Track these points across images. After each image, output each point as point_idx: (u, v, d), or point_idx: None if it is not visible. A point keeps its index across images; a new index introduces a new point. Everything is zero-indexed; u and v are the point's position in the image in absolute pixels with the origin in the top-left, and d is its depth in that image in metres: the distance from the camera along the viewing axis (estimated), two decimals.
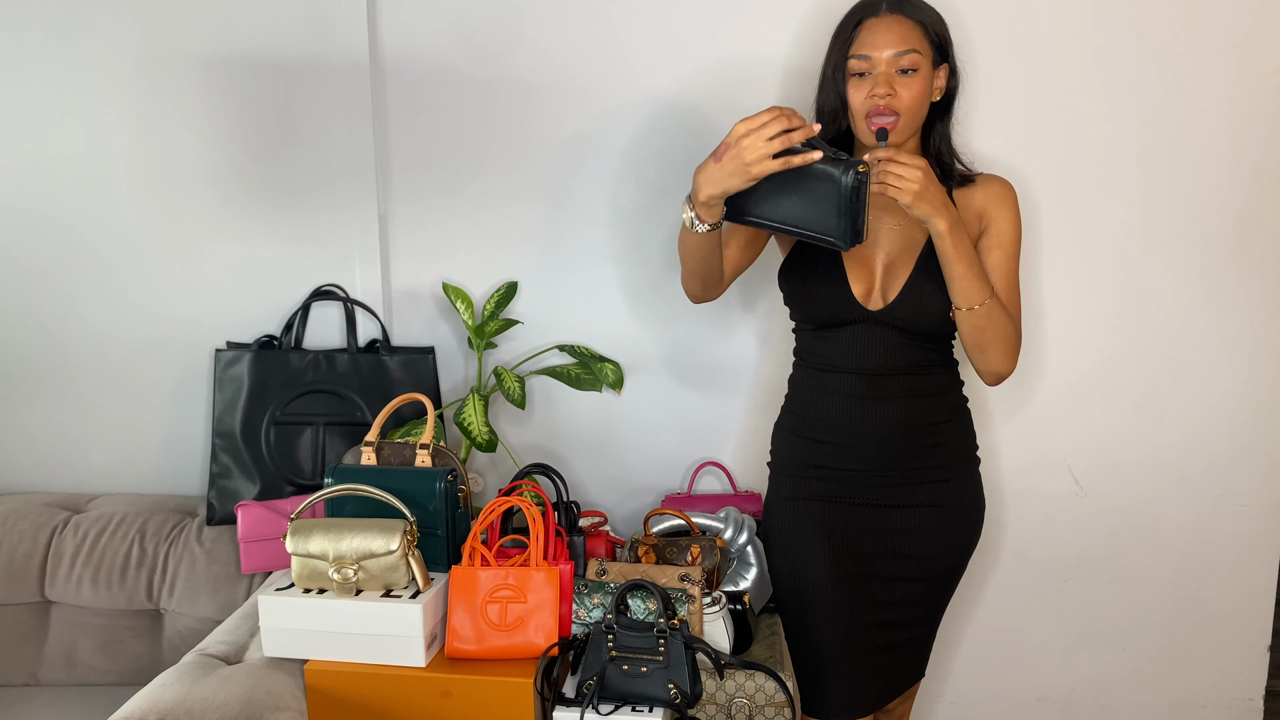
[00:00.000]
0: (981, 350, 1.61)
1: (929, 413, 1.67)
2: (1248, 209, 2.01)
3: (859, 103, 1.57)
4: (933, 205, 1.50)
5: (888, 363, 1.64)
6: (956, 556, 1.74)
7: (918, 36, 1.56)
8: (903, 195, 1.48)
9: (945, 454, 1.70)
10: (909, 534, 1.69)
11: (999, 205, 1.65)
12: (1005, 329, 1.59)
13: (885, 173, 1.48)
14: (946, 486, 1.70)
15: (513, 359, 2.14)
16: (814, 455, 1.71)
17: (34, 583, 1.97)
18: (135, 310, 2.15)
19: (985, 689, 2.26)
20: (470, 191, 2.10)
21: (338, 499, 1.67)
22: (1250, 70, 1.95)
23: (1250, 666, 2.21)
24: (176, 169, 2.09)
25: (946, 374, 1.72)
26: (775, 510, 1.77)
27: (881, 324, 1.63)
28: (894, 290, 1.63)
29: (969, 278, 1.55)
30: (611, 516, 2.16)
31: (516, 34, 2.02)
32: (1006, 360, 1.62)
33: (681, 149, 2.04)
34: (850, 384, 1.66)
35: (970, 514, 1.74)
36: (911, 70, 1.55)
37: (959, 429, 1.73)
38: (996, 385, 1.68)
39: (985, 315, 1.57)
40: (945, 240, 1.52)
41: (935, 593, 1.75)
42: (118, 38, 2.04)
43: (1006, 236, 1.65)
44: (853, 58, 1.57)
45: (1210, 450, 2.12)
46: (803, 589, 1.69)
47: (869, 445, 1.67)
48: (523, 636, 1.59)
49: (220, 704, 1.44)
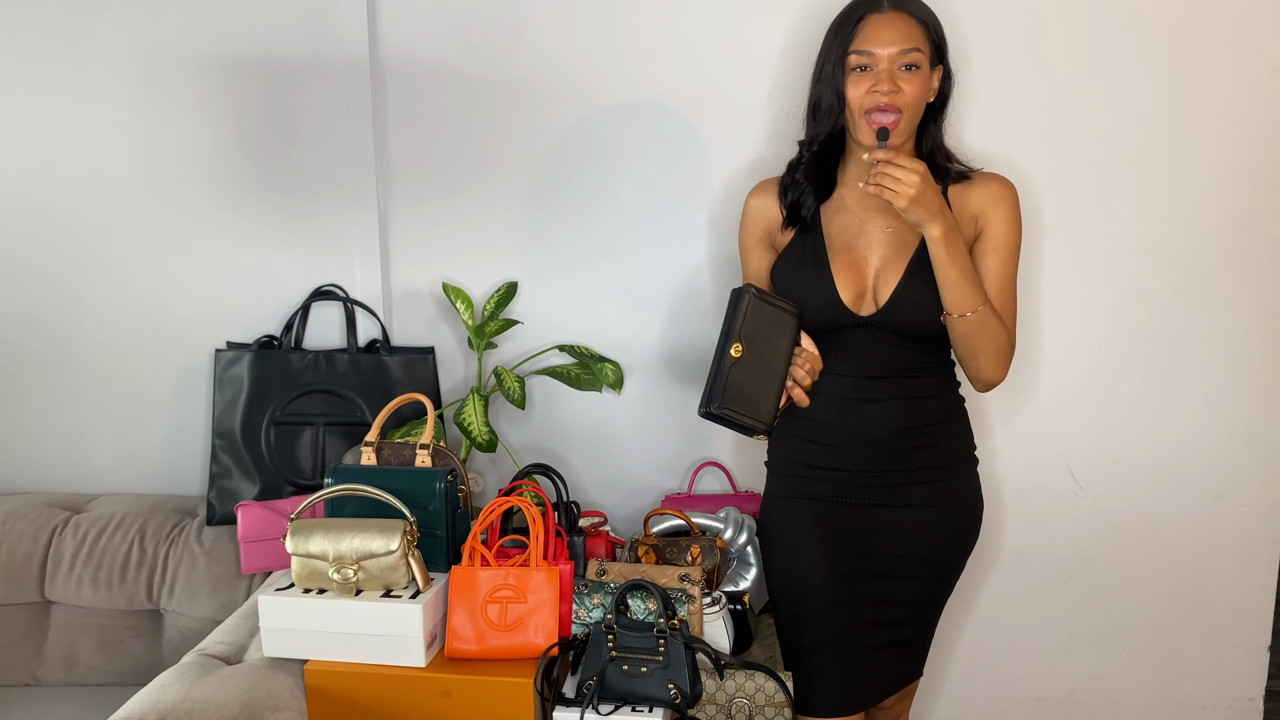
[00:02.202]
0: (972, 357, 1.60)
1: (923, 414, 1.66)
2: (1247, 209, 2.01)
3: (859, 98, 1.56)
4: (928, 210, 1.49)
5: (881, 366, 1.63)
6: (953, 557, 1.73)
7: (920, 34, 1.56)
8: (898, 199, 1.47)
9: (940, 454, 1.69)
10: (903, 534, 1.68)
11: (996, 207, 1.63)
12: (997, 337, 1.58)
13: (882, 175, 1.47)
14: (942, 487, 1.69)
15: (513, 359, 2.14)
16: (808, 455, 1.71)
17: (34, 583, 1.98)
18: (135, 310, 2.15)
19: (985, 689, 2.26)
20: (470, 191, 2.10)
21: (338, 499, 1.67)
22: (1250, 70, 1.95)
23: (1250, 666, 2.21)
24: (177, 169, 2.09)
25: (940, 375, 1.70)
26: (770, 509, 1.77)
27: (874, 328, 1.62)
28: (885, 294, 1.61)
29: (962, 284, 1.53)
30: (611, 516, 2.16)
31: (516, 34, 2.02)
32: (997, 368, 1.61)
33: (681, 149, 2.04)
34: (843, 386, 1.65)
35: (967, 514, 1.73)
36: (914, 67, 1.55)
37: (954, 430, 1.72)
38: (986, 392, 1.67)
39: (977, 323, 1.55)
40: (939, 245, 1.51)
41: (931, 592, 1.75)
42: (118, 38, 2.04)
43: (1003, 240, 1.62)
44: (854, 53, 1.56)
45: (1210, 450, 2.11)
46: (795, 587, 1.69)
47: (862, 446, 1.66)
48: (523, 636, 1.59)
49: (220, 704, 1.44)
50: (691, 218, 2.07)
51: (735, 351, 1.53)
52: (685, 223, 2.07)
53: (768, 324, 1.55)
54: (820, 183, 1.68)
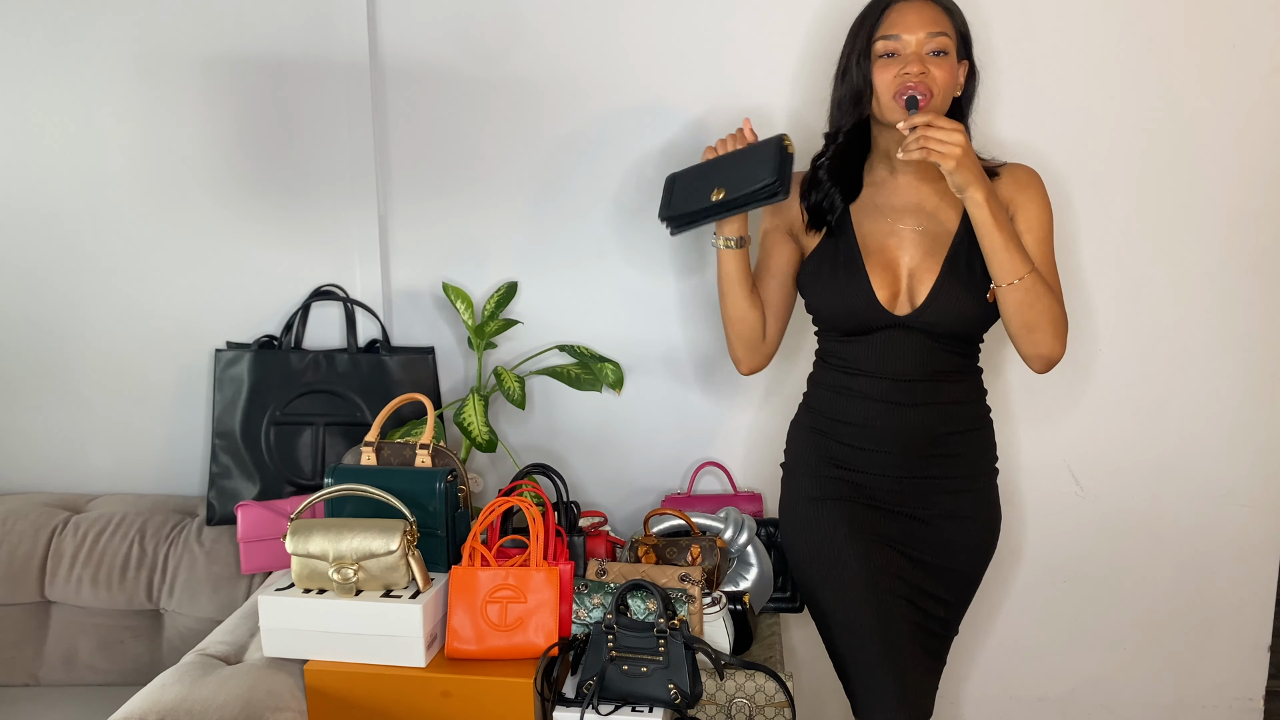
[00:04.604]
0: (1029, 330, 1.54)
1: (953, 420, 1.64)
2: (1248, 209, 2.01)
3: (887, 83, 1.54)
4: (973, 172, 1.47)
5: (915, 368, 1.60)
6: (973, 565, 1.71)
7: (946, 21, 1.55)
8: (946, 160, 1.44)
9: (966, 464, 1.67)
10: (926, 543, 1.65)
11: (1025, 191, 1.61)
12: (1051, 307, 1.53)
13: (926, 137, 1.44)
14: (965, 497, 1.67)
15: (513, 359, 2.14)
16: (839, 456, 1.68)
17: (34, 583, 1.98)
18: (135, 310, 2.15)
19: (985, 689, 2.26)
20: (470, 191, 2.09)
21: (338, 499, 1.67)
22: (1250, 70, 1.95)
23: (1250, 666, 2.21)
24: (176, 169, 2.09)
25: (972, 382, 1.68)
26: (799, 511, 1.71)
27: (909, 329, 1.59)
28: (921, 294, 1.59)
29: (1009, 249, 1.49)
30: (611, 516, 2.15)
31: (516, 34, 2.02)
32: (1056, 341, 1.56)
33: (681, 149, 2.04)
34: (877, 388, 1.62)
35: (988, 524, 1.71)
36: (943, 53, 1.54)
37: (981, 439, 1.70)
38: (1047, 372, 1.60)
39: (1030, 289, 1.51)
40: (984, 209, 1.47)
41: (955, 601, 1.71)
42: (118, 38, 2.04)
43: (1036, 220, 1.60)
44: (881, 39, 1.54)
45: (1210, 450, 2.11)
46: (844, 597, 1.63)
47: (893, 450, 1.63)
48: (523, 636, 1.59)
49: (220, 704, 1.44)
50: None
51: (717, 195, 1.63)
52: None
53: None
54: (846, 183, 1.66)
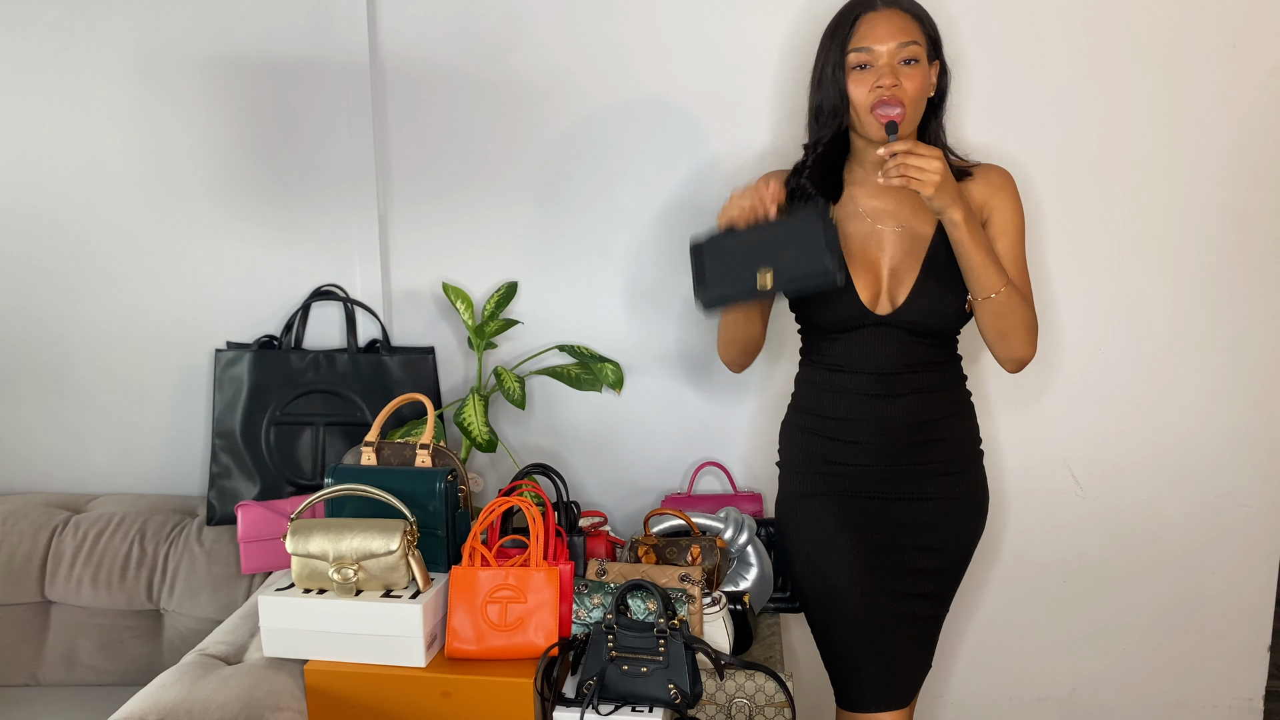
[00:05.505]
0: (1003, 338, 1.62)
1: (935, 407, 1.68)
2: (1247, 209, 2.01)
3: (863, 96, 1.58)
4: (950, 196, 1.51)
5: (896, 362, 1.65)
6: (965, 546, 1.75)
7: (916, 29, 1.58)
8: (924, 187, 1.48)
9: (951, 447, 1.71)
10: (921, 526, 1.70)
11: (999, 194, 1.67)
12: (1024, 314, 1.61)
13: (905, 165, 1.48)
14: (955, 479, 1.71)
15: (513, 359, 2.13)
16: (827, 451, 1.72)
17: (34, 583, 1.98)
18: (135, 310, 2.15)
19: (985, 689, 2.26)
20: (470, 191, 2.09)
21: (338, 499, 1.67)
22: (1250, 70, 1.95)
23: (1250, 666, 2.21)
24: (176, 169, 2.09)
25: (951, 369, 1.73)
26: (792, 507, 1.77)
27: (890, 326, 1.64)
28: (902, 294, 1.63)
29: (986, 265, 1.55)
30: (611, 516, 2.16)
31: (516, 34, 2.02)
32: (1028, 345, 1.64)
33: (681, 149, 2.04)
34: (859, 383, 1.67)
35: (977, 504, 1.76)
36: (913, 61, 1.57)
37: (964, 422, 1.75)
38: (1019, 371, 1.69)
39: (1005, 302, 1.58)
40: (962, 230, 1.53)
41: (946, 584, 1.76)
42: (118, 38, 2.04)
43: (1010, 224, 1.66)
44: (853, 51, 1.57)
45: (1210, 450, 2.11)
46: (831, 583, 1.69)
47: (879, 441, 1.67)
48: (523, 636, 1.59)
49: (220, 704, 1.44)
50: (692, 217, 2.07)
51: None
52: (686, 222, 2.07)
53: None
54: (828, 186, 1.69)
